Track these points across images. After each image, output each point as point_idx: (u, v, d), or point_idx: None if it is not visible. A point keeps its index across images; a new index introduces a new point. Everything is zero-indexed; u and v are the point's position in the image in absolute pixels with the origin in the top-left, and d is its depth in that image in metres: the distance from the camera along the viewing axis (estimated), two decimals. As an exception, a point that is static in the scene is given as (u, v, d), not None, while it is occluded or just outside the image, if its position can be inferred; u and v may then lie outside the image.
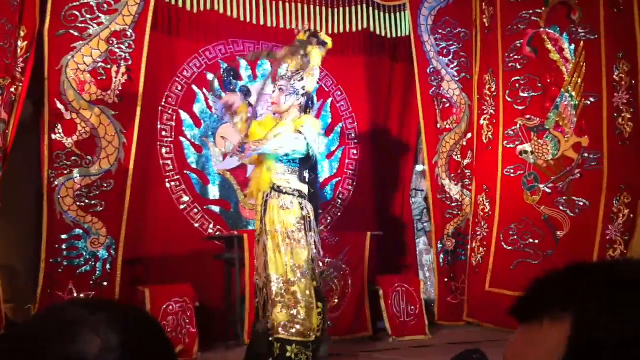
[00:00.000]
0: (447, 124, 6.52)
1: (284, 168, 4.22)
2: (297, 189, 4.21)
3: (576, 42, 5.75)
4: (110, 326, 0.88)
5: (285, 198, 4.18)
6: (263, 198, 4.24)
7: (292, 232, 4.15)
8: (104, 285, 5.11)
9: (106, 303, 1.04)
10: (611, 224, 5.46)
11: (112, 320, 0.88)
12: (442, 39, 6.51)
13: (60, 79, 5.05)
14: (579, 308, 0.70)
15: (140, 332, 0.91)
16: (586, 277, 0.74)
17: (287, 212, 4.17)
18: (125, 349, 0.86)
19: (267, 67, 6.43)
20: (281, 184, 4.20)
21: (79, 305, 0.93)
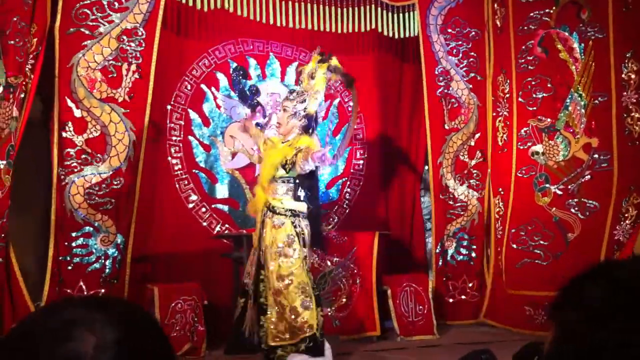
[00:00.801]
0: (455, 124, 6.50)
1: (278, 188, 4.49)
2: (290, 209, 4.46)
3: (585, 41, 5.72)
4: (107, 324, 0.88)
5: (278, 218, 4.43)
6: (261, 216, 4.53)
7: (281, 248, 4.38)
8: (113, 283, 5.13)
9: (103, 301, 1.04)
10: (619, 225, 5.43)
11: (109, 318, 0.89)
12: (451, 39, 6.49)
13: (71, 77, 5.08)
14: (561, 314, 0.76)
15: (137, 329, 0.92)
16: (574, 284, 0.79)
17: (279, 230, 4.42)
18: (121, 347, 0.87)
19: (275, 66, 6.44)
20: (275, 204, 4.47)
21: (76, 304, 0.93)
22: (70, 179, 5.04)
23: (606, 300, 0.77)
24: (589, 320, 0.76)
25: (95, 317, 0.89)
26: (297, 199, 4.50)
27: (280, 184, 4.49)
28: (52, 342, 0.86)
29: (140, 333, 0.91)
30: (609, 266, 0.83)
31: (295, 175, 4.46)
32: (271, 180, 4.50)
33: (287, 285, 4.34)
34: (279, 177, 4.48)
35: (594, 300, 0.78)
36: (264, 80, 6.39)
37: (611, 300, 0.76)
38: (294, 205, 4.46)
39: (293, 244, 4.38)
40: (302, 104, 4.56)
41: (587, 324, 0.76)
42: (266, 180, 4.52)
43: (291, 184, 4.49)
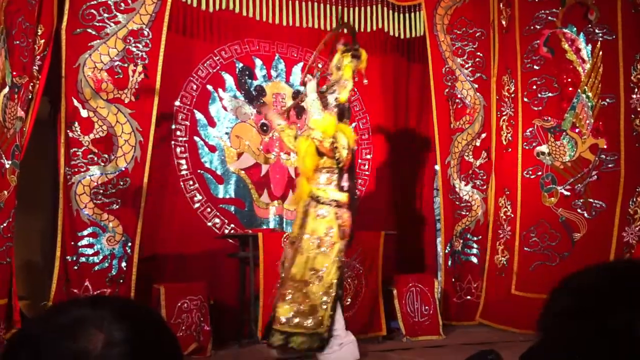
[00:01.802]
0: (459, 124, 6.49)
1: (322, 178, 4.53)
2: (334, 199, 4.51)
3: (593, 42, 5.70)
4: (114, 322, 0.89)
5: (323, 208, 4.48)
6: (304, 206, 4.55)
7: (319, 241, 4.43)
8: (119, 283, 5.14)
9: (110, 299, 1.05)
10: (628, 226, 5.42)
11: (116, 316, 0.90)
12: (457, 39, 6.48)
13: (78, 77, 5.10)
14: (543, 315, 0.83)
15: (144, 326, 0.92)
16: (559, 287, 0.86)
17: (322, 220, 4.47)
18: (129, 344, 0.88)
19: (281, 67, 6.44)
20: (319, 194, 4.51)
21: (83, 303, 0.94)
22: (77, 179, 5.06)
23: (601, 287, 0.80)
24: (541, 325, 0.81)
25: (103, 315, 0.90)
26: (341, 189, 4.56)
27: (324, 173, 4.55)
28: (61, 340, 0.87)
29: (147, 330, 0.92)
30: (610, 262, 0.87)
31: (338, 165, 4.52)
32: (315, 170, 4.55)
33: (315, 280, 4.41)
34: (322, 167, 4.54)
35: (590, 287, 0.81)
36: (270, 80, 6.39)
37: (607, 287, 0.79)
38: (338, 196, 4.52)
39: (332, 236, 4.45)
40: (332, 94, 4.66)
41: (542, 327, 0.81)
42: (310, 170, 4.55)
43: (335, 174, 4.55)
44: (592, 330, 0.75)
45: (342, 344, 4.51)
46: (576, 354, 0.76)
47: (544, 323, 0.85)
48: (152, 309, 1.04)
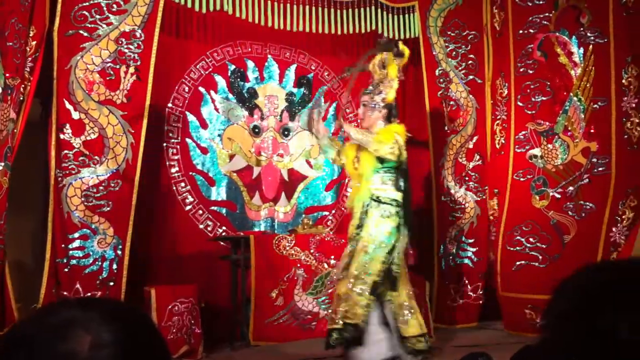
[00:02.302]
0: (454, 126, 6.50)
1: (381, 178, 4.58)
2: (394, 199, 4.56)
3: (585, 45, 5.72)
4: (102, 323, 0.89)
5: (385, 207, 4.54)
6: (363, 207, 4.59)
7: (380, 242, 4.47)
8: (110, 285, 5.12)
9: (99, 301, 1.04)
10: (615, 227, 5.44)
11: (104, 318, 0.90)
12: (450, 41, 6.49)
13: (69, 79, 5.08)
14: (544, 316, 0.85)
15: (132, 329, 0.92)
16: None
17: (385, 220, 4.52)
18: (116, 346, 0.87)
19: (273, 69, 6.44)
20: (380, 194, 4.56)
21: (72, 305, 0.94)
22: (68, 181, 5.04)
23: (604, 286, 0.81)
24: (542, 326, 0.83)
25: (91, 316, 0.90)
26: (398, 189, 4.62)
27: (383, 174, 4.59)
28: (49, 342, 0.87)
29: (135, 332, 0.92)
30: (604, 263, 0.88)
31: (395, 165, 4.58)
32: (374, 172, 4.60)
33: (368, 277, 4.44)
34: (381, 168, 4.58)
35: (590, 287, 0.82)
36: (262, 82, 6.39)
37: (608, 287, 0.80)
38: (397, 196, 4.58)
39: (390, 238, 4.49)
40: (380, 95, 4.70)
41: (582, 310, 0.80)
42: (371, 173, 4.59)
43: (393, 174, 4.60)
44: (584, 332, 0.76)
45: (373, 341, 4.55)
46: (573, 355, 0.76)
47: (545, 324, 0.86)
48: (141, 311, 1.03)
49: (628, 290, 0.78)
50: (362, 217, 4.58)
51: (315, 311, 5.54)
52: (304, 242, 5.60)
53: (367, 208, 4.57)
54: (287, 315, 5.48)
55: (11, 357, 0.88)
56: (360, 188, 4.63)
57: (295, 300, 5.50)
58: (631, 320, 0.73)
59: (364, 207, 4.58)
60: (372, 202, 4.56)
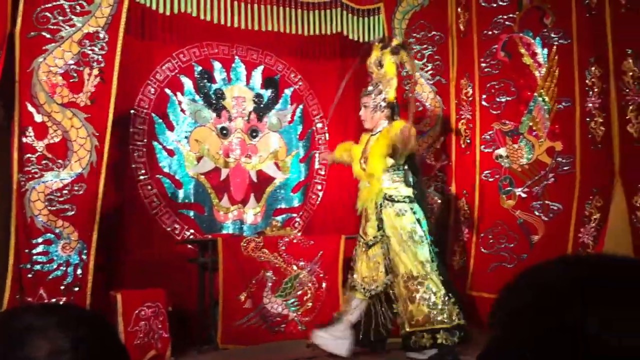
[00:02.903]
0: (419, 127, 6.51)
1: (391, 177, 4.67)
2: (407, 196, 4.65)
3: (549, 46, 5.79)
4: (60, 330, 0.87)
5: (399, 205, 4.62)
6: (376, 207, 4.65)
7: (410, 234, 4.57)
8: (75, 291, 5.04)
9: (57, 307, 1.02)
10: (583, 228, 5.51)
11: (62, 324, 0.88)
12: (416, 43, 6.51)
13: (32, 82, 4.99)
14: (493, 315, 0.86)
15: (90, 335, 0.91)
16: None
17: (402, 217, 4.60)
18: (76, 352, 0.86)
19: (241, 70, 6.42)
20: (392, 192, 4.65)
21: (29, 311, 0.92)
22: (31, 185, 4.95)
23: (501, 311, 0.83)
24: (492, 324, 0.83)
25: (48, 323, 0.88)
26: (408, 185, 4.68)
27: (392, 172, 4.66)
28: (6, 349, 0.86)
29: (94, 338, 0.91)
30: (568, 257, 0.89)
31: (403, 162, 4.65)
32: (384, 171, 4.67)
33: (426, 273, 4.53)
34: (389, 167, 4.63)
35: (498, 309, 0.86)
36: (230, 83, 6.37)
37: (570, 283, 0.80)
38: (408, 192, 4.64)
39: (418, 230, 4.59)
40: (380, 95, 4.77)
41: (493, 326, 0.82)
42: (381, 172, 4.64)
43: (402, 171, 4.68)
44: (544, 328, 0.75)
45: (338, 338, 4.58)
46: (527, 352, 0.76)
47: (495, 321, 0.85)
48: (101, 316, 1.02)
49: (597, 286, 0.77)
50: (379, 218, 4.63)
51: (285, 313, 5.52)
52: (273, 244, 5.59)
53: (382, 208, 4.62)
54: (256, 318, 5.45)
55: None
56: (371, 188, 4.68)
57: (264, 303, 5.48)
58: (601, 316, 0.73)
59: (378, 207, 4.63)
60: (385, 201, 4.62)
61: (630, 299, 0.75)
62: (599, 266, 0.83)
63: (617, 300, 0.75)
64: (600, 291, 0.76)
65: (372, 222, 4.68)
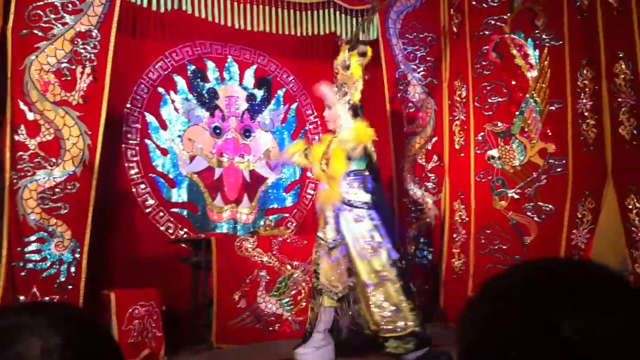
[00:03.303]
0: (412, 128, 6.53)
1: (352, 182, 4.59)
2: (365, 202, 4.57)
3: (540, 48, 5.80)
4: (51, 328, 0.87)
5: (357, 211, 4.55)
6: (334, 211, 4.58)
7: (367, 241, 4.50)
8: (68, 289, 5.03)
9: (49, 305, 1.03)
10: (576, 229, 5.52)
11: (53, 322, 0.88)
12: (408, 43, 6.52)
13: (24, 80, 4.97)
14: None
15: (82, 332, 0.91)
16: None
17: (359, 223, 4.52)
18: (67, 350, 0.86)
19: (234, 69, 6.41)
20: (351, 197, 4.56)
21: (20, 310, 0.93)
22: (23, 183, 4.93)
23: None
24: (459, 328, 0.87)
25: (40, 321, 0.88)
26: (367, 191, 4.62)
27: (353, 177, 4.60)
28: (-2, 347, 0.86)
29: (85, 336, 0.91)
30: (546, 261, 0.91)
31: (364, 167, 4.61)
32: (345, 175, 4.60)
33: (379, 282, 4.48)
34: (351, 171, 4.58)
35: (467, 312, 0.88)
36: (223, 83, 6.37)
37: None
38: (367, 198, 4.58)
39: (376, 237, 4.51)
40: (345, 97, 4.70)
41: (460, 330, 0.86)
42: (342, 175, 4.58)
43: (362, 177, 4.62)
44: (530, 327, 0.77)
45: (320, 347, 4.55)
46: (511, 351, 0.77)
47: (468, 324, 0.89)
48: (93, 314, 1.02)
49: (584, 290, 0.79)
50: (336, 222, 4.57)
51: (279, 313, 5.52)
52: (266, 243, 5.59)
53: (339, 212, 4.57)
54: (250, 317, 5.45)
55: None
56: (331, 191, 4.61)
57: (258, 302, 5.48)
58: (586, 319, 0.74)
59: (335, 211, 4.57)
60: (344, 206, 4.57)
61: (614, 306, 0.77)
62: (586, 271, 0.85)
63: (601, 305, 0.77)
64: (587, 295, 0.78)
65: (331, 225, 4.60)
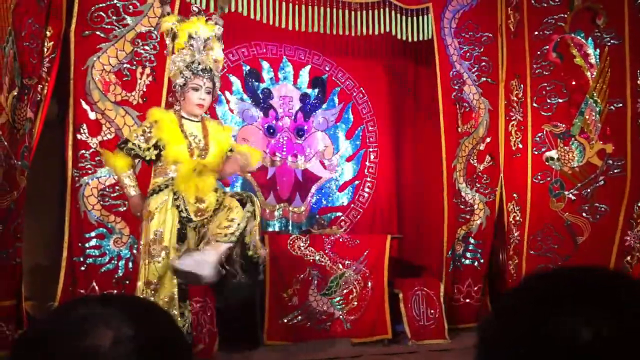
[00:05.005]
0: (466, 128, 6.45)
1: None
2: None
3: (601, 47, 5.69)
4: (122, 319, 0.90)
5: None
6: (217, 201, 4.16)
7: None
8: (126, 284, 5.14)
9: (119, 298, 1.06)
10: (630, 230, 5.41)
11: (124, 313, 0.91)
12: (464, 43, 6.44)
13: (86, 80, 5.11)
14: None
15: (152, 324, 0.93)
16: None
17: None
18: (137, 341, 0.89)
19: (288, 69, 6.46)
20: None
21: (91, 301, 0.95)
22: (85, 181, 5.07)
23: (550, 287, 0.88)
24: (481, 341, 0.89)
25: (111, 312, 0.91)
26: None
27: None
28: (71, 338, 0.88)
29: (155, 328, 0.93)
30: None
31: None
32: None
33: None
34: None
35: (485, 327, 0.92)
36: (277, 83, 6.42)
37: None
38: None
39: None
40: (217, 83, 4.40)
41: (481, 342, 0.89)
42: (217, 167, 4.25)
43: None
44: (538, 327, 0.82)
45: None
46: (521, 348, 0.82)
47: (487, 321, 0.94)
48: (161, 307, 1.05)
49: (590, 294, 0.84)
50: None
51: (330, 312, 5.54)
52: (319, 242, 5.61)
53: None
54: (301, 315, 5.48)
55: (33, 354, 0.89)
56: (206, 180, 4.14)
57: (310, 301, 5.51)
58: (596, 318, 0.79)
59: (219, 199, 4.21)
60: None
61: (623, 306, 0.81)
62: (604, 276, 0.89)
63: (611, 306, 0.81)
64: (599, 297, 0.82)
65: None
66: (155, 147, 4.09)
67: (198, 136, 4.20)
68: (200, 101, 4.18)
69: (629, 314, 0.79)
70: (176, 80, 4.21)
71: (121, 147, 4.12)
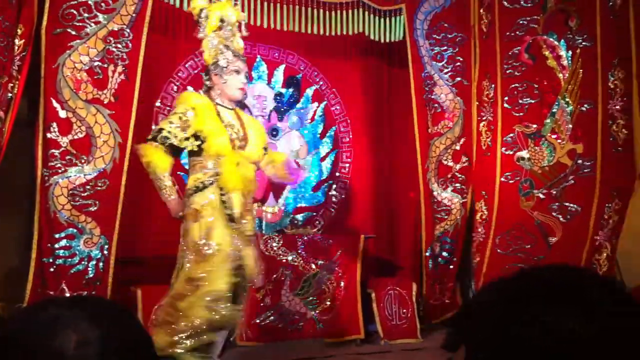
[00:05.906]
0: (437, 129, 6.49)
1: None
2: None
3: (573, 49, 5.77)
4: (87, 321, 0.89)
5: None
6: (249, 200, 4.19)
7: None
8: (96, 285, 5.10)
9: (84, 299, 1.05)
10: (601, 230, 5.49)
11: (90, 315, 0.90)
12: (436, 44, 6.49)
13: (57, 78, 5.04)
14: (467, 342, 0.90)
15: (117, 325, 0.93)
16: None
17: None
18: (102, 343, 0.88)
19: (262, 69, 6.44)
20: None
21: (58, 303, 0.94)
22: (55, 180, 5.01)
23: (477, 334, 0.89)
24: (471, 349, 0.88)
25: (76, 315, 0.90)
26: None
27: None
28: (35, 340, 0.88)
29: (120, 329, 0.92)
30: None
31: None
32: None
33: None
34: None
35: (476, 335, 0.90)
36: (251, 82, 6.38)
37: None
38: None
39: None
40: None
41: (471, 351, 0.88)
42: (261, 159, 4.33)
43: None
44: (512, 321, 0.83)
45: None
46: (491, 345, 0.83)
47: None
48: (128, 309, 1.04)
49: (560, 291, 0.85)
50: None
51: (303, 312, 5.54)
52: (292, 242, 5.60)
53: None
54: (274, 315, 5.47)
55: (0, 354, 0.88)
56: (247, 174, 4.09)
57: (283, 301, 5.50)
58: (570, 317, 0.80)
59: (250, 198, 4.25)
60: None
61: (598, 305, 0.82)
62: (576, 275, 0.90)
63: (585, 305, 0.82)
64: (572, 295, 0.83)
65: (253, 216, 4.15)
66: (196, 138, 3.89)
67: (236, 126, 4.04)
68: (242, 85, 4.05)
69: (600, 312, 0.80)
70: (215, 61, 4.04)
71: (154, 137, 3.88)
